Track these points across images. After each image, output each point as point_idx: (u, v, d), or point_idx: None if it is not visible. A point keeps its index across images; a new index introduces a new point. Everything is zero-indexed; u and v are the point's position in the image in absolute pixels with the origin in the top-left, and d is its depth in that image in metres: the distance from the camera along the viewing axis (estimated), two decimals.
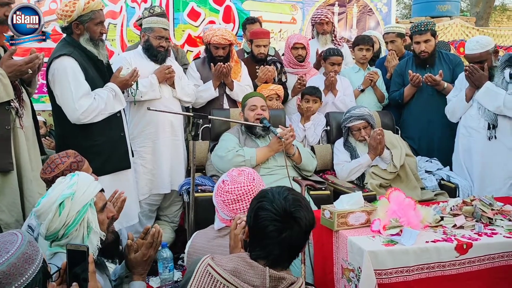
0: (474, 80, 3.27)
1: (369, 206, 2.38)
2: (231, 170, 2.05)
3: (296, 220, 1.42)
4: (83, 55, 2.80)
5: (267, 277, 1.35)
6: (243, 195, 1.92)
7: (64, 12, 2.75)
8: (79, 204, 1.60)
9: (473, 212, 2.41)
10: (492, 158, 3.28)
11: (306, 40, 4.10)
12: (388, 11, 5.97)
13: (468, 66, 3.27)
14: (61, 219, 1.56)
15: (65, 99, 2.74)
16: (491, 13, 13.33)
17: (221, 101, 3.77)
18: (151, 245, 1.80)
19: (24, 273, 1.16)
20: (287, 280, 1.37)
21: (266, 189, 1.52)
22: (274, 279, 1.36)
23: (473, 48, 3.26)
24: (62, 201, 1.57)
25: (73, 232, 1.59)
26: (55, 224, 1.56)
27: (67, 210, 1.57)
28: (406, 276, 2.05)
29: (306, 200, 1.53)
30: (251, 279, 1.36)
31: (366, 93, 4.07)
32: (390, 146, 3.39)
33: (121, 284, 1.86)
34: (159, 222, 3.61)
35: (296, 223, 1.42)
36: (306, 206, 1.48)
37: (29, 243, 1.21)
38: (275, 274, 1.36)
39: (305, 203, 1.50)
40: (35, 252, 1.22)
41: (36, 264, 1.20)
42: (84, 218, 1.61)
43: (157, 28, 3.33)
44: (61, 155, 2.10)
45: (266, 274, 1.36)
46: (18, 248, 1.18)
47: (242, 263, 1.39)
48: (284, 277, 1.37)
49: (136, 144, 3.34)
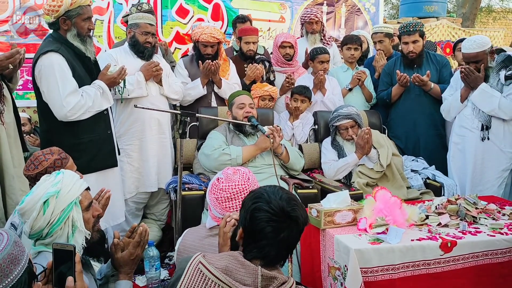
0: (470, 81, 3.29)
1: (355, 204, 2.39)
2: (226, 168, 2.04)
3: (293, 219, 1.42)
4: (70, 51, 2.76)
5: (259, 276, 1.35)
6: (237, 194, 1.92)
7: (52, 7, 2.69)
8: (64, 203, 1.58)
9: (457, 211, 2.44)
10: (484, 158, 3.32)
11: (294, 39, 4.11)
12: (376, 11, 6.01)
13: (464, 68, 3.28)
14: (46, 218, 1.54)
15: (52, 96, 2.69)
16: (477, 14, 13.49)
17: (209, 99, 3.75)
18: (138, 244, 1.78)
19: (9, 274, 1.14)
20: (278, 279, 1.37)
21: (260, 189, 1.50)
22: (266, 278, 1.35)
23: (470, 47, 3.26)
24: (46, 199, 1.55)
25: (57, 231, 1.56)
26: (39, 223, 1.54)
27: (51, 209, 1.55)
28: (391, 274, 2.07)
29: (298, 197, 1.53)
30: (243, 278, 1.35)
31: (354, 92, 4.09)
32: (377, 146, 3.41)
33: (106, 283, 1.84)
34: (146, 220, 3.58)
35: (293, 222, 1.42)
36: (301, 204, 1.48)
37: (15, 243, 1.19)
38: (267, 274, 1.36)
39: (299, 201, 1.50)
40: (21, 252, 1.19)
41: (21, 265, 1.17)
42: (69, 216, 1.59)
43: (142, 24, 3.31)
44: (45, 152, 2.07)
45: (258, 273, 1.35)
46: (3, 249, 1.15)
47: (233, 262, 1.39)
48: (276, 277, 1.37)
49: (122, 142, 3.31)
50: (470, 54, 3.27)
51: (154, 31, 3.39)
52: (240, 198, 1.89)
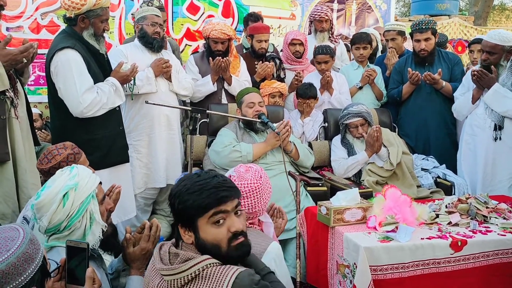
0: (483, 83, 3.26)
1: (365, 202, 2.39)
2: (238, 166, 2.01)
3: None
4: (84, 48, 2.77)
5: (167, 254, 1.43)
6: (249, 192, 1.87)
7: (74, 4, 2.68)
8: (82, 195, 1.60)
9: (468, 210, 2.43)
10: (496, 158, 3.29)
11: (304, 36, 4.09)
12: (387, 8, 5.97)
13: (477, 71, 3.26)
14: (65, 210, 1.55)
15: (69, 92, 2.70)
16: (490, 12, 13.34)
17: (219, 96, 3.76)
18: (149, 238, 1.80)
19: (23, 272, 1.15)
20: (181, 255, 1.40)
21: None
22: (172, 255, 1.42)
23: (492, 37, 3.24)
24: (66, 192, 1.56)
25: (76, 223, 1.58)
26: (59, 216, 1.55)
27: (71, 201, 1.56)
28: (401, 273, 2.07)
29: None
30: (163, 257, 1.44)
31: (364, 90, 4.07)
32: (387, 144, 3.40)
33: (117, 278, 1.86)
34: (156, 216, 3.61)
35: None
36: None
37: (30, 241, 1.19)
38: (173, 250, 1.43)
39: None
40: (36, 251, 1.20)
41: (35, 264, 1.18)
42: (87, 209, 1.61)
43: (149, 15, 3.33)
44: (59, 146, 2.08)
45: (167, 250, 1.43)
46: (19, 247, 1.16)
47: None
48: (178, 253, 1.41)
49: (131, 137, 3.33)
50: (489, 43, 3.23)
51: (161, 22, 3.40)
52: (252, 197, 1.86)
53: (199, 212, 1.38)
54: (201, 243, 1.40)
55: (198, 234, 1.40)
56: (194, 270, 1.34)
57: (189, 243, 1.42)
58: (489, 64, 3.25)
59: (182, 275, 1.34)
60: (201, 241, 1.40)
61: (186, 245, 1.44)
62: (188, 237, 1.42)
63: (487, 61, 3.26)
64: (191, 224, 1.40)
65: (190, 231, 1.41)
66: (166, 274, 1.37)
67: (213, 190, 1.38)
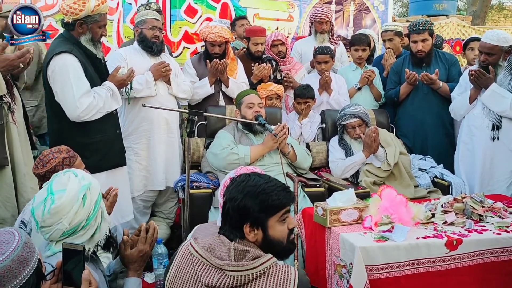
0: (480, 83, 3.27)
1: (361, 203, 2.41)
2: (239, 168, 2.06)
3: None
4: (82, 52, 2.79)
5: (232, 250, 1.46)
6: None
7: (72, 9, 2.70)
8: (95, 194, 1.64)
9: (464, 209, 2.44)
10: (494, 158, 3.29)
11: (283, 36, 4.16)
12: (385, 9, 5.98)
13: (474, 71, 3.26)
14: (85, 210, 1.59)
15: (66, 96, 2.72)
16: (488, 12, 13.35)
17: (217, 98, 3.77)
18: (146, 240, 1.82)
19: (18, 275, 1.16)
20: (251, 253, 1.45)
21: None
22: (239, 252, 1.46)
23: (490, 38, 3.24)
24: (84, 193, 1.60)
25: (92, 222, 1.62)
26: (79, 216, 1.57)
27: (89, 200, 1.61)
28: (396, 272, 2.08)
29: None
30: (221, 253, 1.47)
31: (363, 91, 4.08)
32: (384, 144, 3.41)
33: (115, 280, 1.88)
34: (155, 218, 3.62)
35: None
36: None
37: (25, 244, 1.20)
38: (239, 247, 1.47)
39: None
40: (31, 254, 1.21)
41: (30, 266, 1.20)
42: (100, 207, 1.66)
43: (148, 19, 3.35)
44: (54, 150, 2.10)
45: (231, 247, 1.47)
46: (14, 250, 1.17)
47: (217, 240, 1.52)
48: (248, 250, 1.46)
49: (131, 140, 3.35)
50: (487, 44, 3.24)
51: (161, 26, 3.42)
52: None
53: (274, 210, 1.50)
54: (269, 240, 1.50)
55: (267, 231, 1.50)
56: (263, 268, 1.42)
57: (252, 241, 1.50)
58: (488, 65, 3.26)
59: (251, 272, 1.42)
60: (270, 238, 1.50)
61: (246, 243, 1.50)
62: (253, 235, 1.50)
63: (486, 62, 3.26)
64: (261, 223, 1.49)
65: (257, 229, 1.49)
66: (235, 270, 1.42)
67: (287, 191, 1.53)
